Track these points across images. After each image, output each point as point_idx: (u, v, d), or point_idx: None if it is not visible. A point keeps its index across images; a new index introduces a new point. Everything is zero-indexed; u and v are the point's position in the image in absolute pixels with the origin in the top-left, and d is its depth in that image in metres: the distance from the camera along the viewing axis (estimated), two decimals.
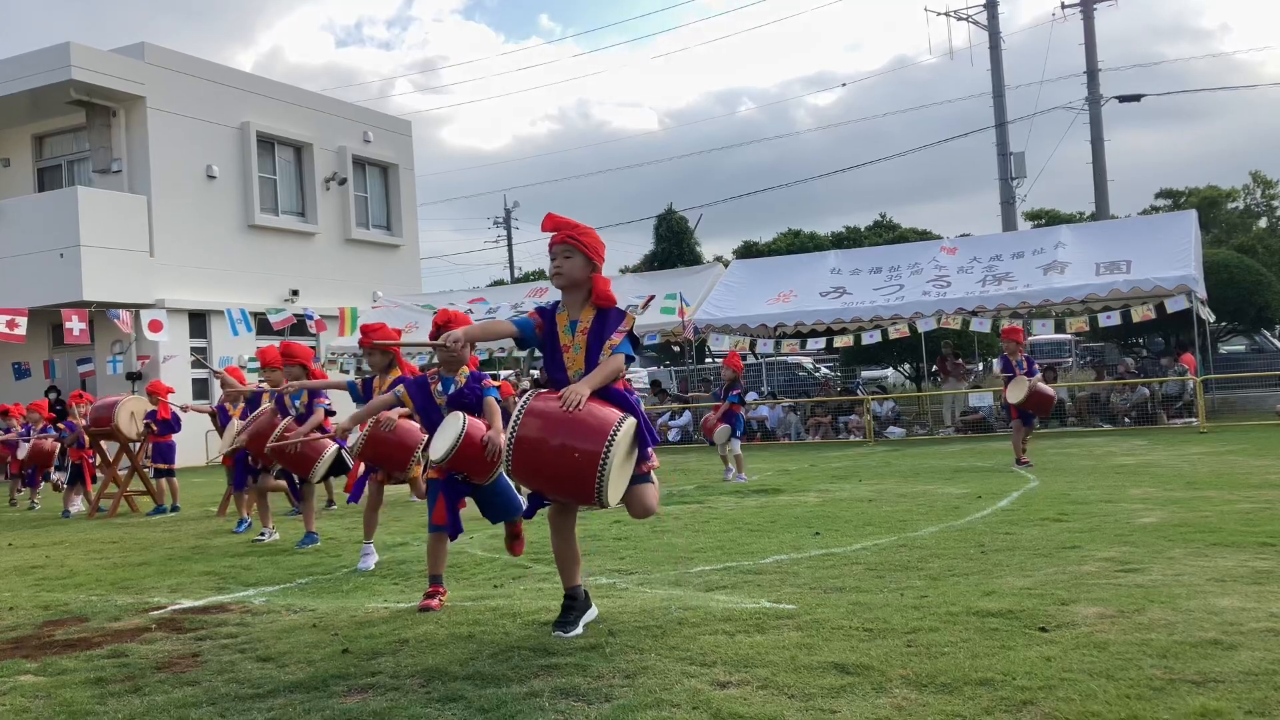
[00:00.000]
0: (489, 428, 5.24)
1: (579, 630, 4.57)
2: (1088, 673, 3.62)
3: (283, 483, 9.32)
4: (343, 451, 8.18)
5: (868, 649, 4.06)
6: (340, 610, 5.42)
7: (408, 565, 6.86)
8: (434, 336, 5.32)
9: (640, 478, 4.52)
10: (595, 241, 4.62)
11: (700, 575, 5.86)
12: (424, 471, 6.36)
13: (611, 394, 4.50)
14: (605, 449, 4.16)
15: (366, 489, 7.37)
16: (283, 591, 6.15)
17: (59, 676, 4.35)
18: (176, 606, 5.81)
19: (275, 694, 3.90)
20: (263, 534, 8.71)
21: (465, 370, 5.60)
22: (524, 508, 5.18)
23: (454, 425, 5.17)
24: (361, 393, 7.26)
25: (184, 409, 12.61)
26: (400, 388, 5.91)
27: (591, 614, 4.78)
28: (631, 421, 4.36)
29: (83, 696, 4.01)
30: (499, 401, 5.61)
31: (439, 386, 5.63)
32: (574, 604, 4.70)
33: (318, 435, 7.84)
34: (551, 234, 4.61)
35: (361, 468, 7.90)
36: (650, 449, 4.56)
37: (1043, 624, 4.31)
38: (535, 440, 4.25)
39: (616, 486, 4.32)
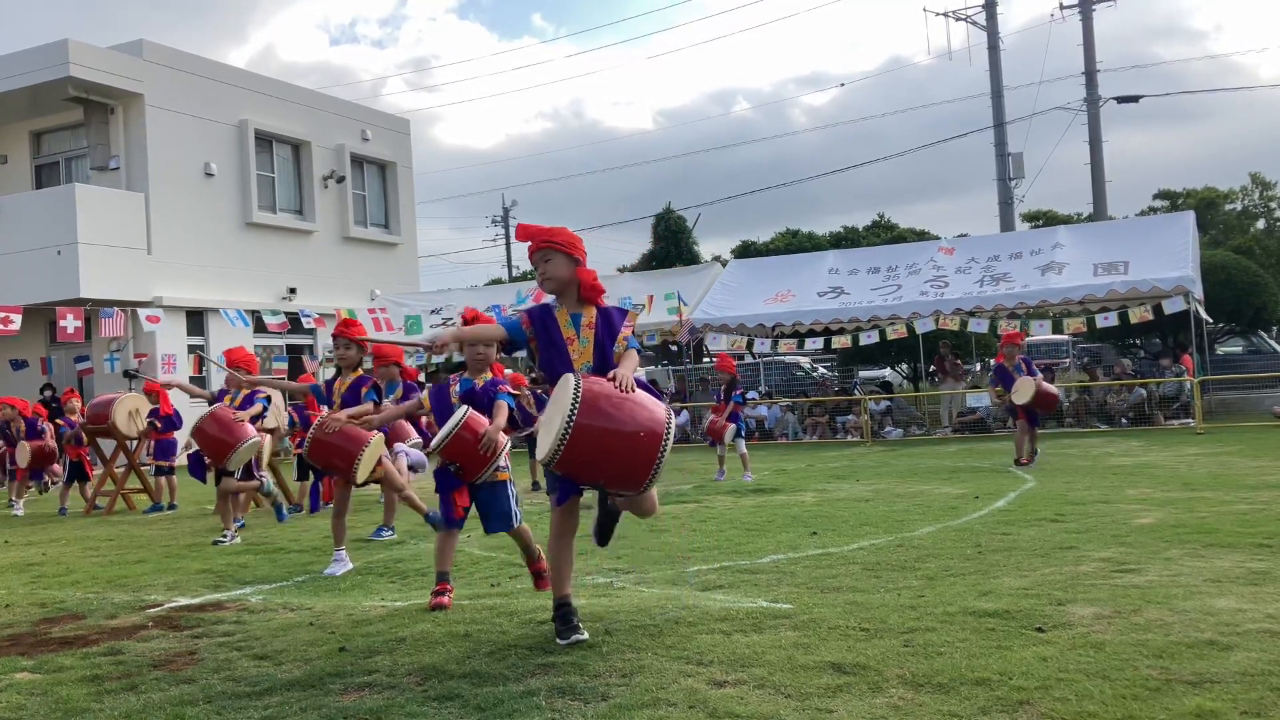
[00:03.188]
0: (490, 424, 5.37)
1: (584, 635, 4.41)
2: (1084, 673, 3.62)
3: (250, 484, 9.16)
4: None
5: (864, 649, 4.06)
6: (337, 609, 5.42)
7: (405, 564, 6.86)
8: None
9: None
10: (570, 238, 4.69)
11: (697, 575, 5.87)
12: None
13: (642, 385, 4.45)
14: (666, 430, 4.13)
15: (334, 494, 7.06)
16: (279, 590, 6.15)
17: (55, 674, 4.34)
18: (173, 604, 5.81)
19: (272, 692, 3.90)
20: (224, 536, 8.42)
21: (487, 375, 5.76)
22: (519, 520, 5.43)
23: (456, 414, 5.36)
24: (325, 394, 7.15)
25: (169, 386, 11.56)
26: (424, 393, 6.07)
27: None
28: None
29: (79, 694, 4.01)
30: (517, 393, 5.83)
31: (457, 388, 5.75)
32: (570, 611, 4.51)
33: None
34: (528, 244, 4.68)
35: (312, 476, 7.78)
36: None
37: (1039, 624, 4.31)
38: (601, 422, 4.10)
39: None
